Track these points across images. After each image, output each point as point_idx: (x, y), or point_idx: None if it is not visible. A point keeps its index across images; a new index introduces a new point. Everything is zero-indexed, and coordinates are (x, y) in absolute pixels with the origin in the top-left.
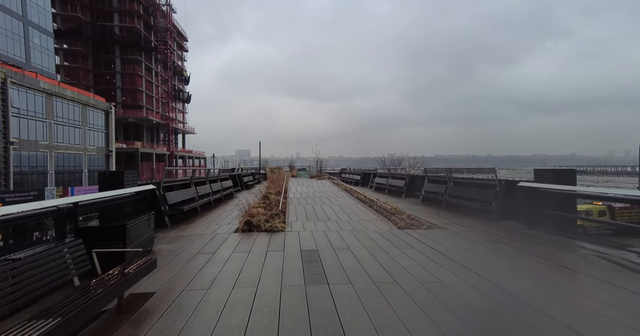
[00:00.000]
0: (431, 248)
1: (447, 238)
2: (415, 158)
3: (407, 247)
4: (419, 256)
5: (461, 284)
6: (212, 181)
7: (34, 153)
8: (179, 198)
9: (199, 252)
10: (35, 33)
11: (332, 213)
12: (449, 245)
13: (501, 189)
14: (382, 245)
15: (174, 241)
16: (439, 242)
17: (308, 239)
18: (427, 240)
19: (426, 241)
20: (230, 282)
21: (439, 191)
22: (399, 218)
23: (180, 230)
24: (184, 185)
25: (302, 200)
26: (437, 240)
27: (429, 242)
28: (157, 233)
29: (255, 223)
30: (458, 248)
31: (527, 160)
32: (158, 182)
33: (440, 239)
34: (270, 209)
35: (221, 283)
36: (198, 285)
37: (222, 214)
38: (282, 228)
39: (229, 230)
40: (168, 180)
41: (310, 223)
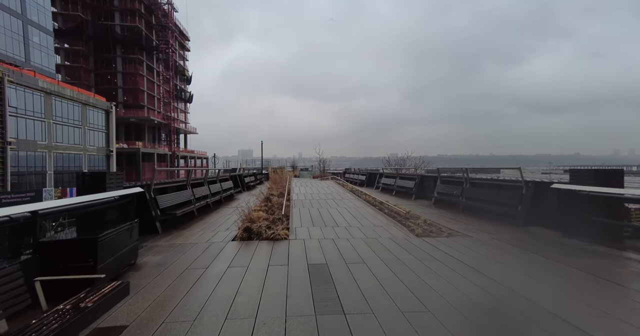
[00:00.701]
0: (459, 261)
1: (474, 248)
2: (421, 157)
3: (431, 260)
4: (448, 273)
5: (506, 310)
6: (211, 182)
7: (32, 154)
8: (172, 201)
9: (189, 267)
10: (34, 32)
11: (340, 218)
12: (478, 257)
13: (528, 191)
14: (401, 258)
15: (164, 251)
16: (465, 252)
17: (315, 249)
18: (452, 251)
19: (450, 251)
20: (222, 311)
21: (453, 193)
22: (414, 223)
23: (172, 237)
24: (180, 186)
25: (306, 202)
26: (463, 250)
27: (454, 252)
28: (146, 241)
29: (255, 230)
30: (489, 261)
31: (530, 160)
32: (148, 184)
33: (467, 249)
34: (273, 213)
35: (211, 312)
36: (182, 314)
37: (220, 218)
38: (285, 236)
39: (226, 238)
40: (160, 182)
41: (317, 230)
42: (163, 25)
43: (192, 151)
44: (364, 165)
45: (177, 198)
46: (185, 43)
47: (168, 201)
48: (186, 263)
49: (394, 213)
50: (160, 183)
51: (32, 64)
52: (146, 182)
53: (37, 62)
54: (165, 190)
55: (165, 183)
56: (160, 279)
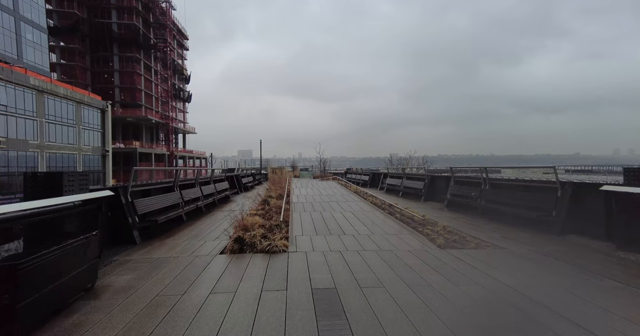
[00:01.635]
0: (502, 284)
1: (514, 265)
2: (424, 157)
3: (466, 282)
4: (494, 304)
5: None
6: (203, 183)
7: (23, 153)
8: (155, 205)
9: (161, 293)
10: (28, 28)
11: (346, 224)
12: (525, 278)
13: (565, 194)
14: (428, 279)
15: (135, 268)
16: (504, 270)
17: (320, 266)
18: (487, 268)
19: (486, 269)
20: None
21: (469, 194)
22: (433, 230)
23: (151, 249)
24: (166, 188)
25: (307, 205)
26: (501, 267)
27: (491, 270)
28: (118, 254)
29: (248, 241)
30: (540, 283)
31: (530, 160)
32: (124, 186)
33: (505, 266)
34: (270, 218)
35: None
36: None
37: (211, 224)
38: (284, 248)
39: (213, 250)
40: (142, 183)
41: (321, 239)
42: (161, 23)
43: (191, 151)
44: (364, 165)
45: (162, 201)
46: (184, 42)
47: (149, 205)
48: (159, 286)
49: (407, 218)
50: (142, 184)
51: (25, 62)
52: (121, 184)
53: (30, 59)
54: (148, 193)
55: (148, 184)
56: (117, 313)
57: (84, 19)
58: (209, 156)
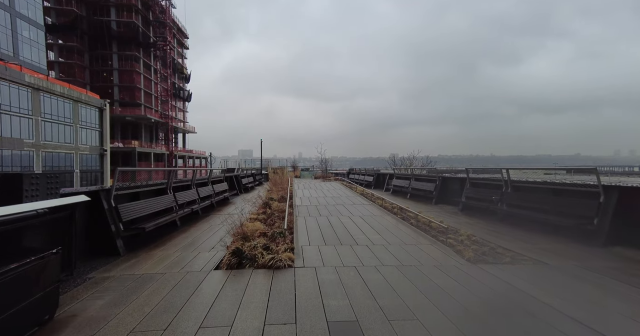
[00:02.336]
0: (565, 317)
1: (568, 288)
2: (427, 157)
3: (522, 314)
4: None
5: None
6: (200, 184)
7: (18, 153)
8: (144, 210)
9: (136, 328)
10: (24, 25)
11: (357, 231)
12: (591, 307)
13: (609, 199)
14: (470, 307)
15: (113, 289)
16: (561, 295)
17: (334, 287)
18: (538, 292)
19: (537, 293)
20: None
21: (489, 198)
22: (457, 240)
23: (136, 262)
24: (159, 191)
25: (312, 208)
26: (554, 291)
27: (544, 295)
28: (96, 269)
29: (248, 253)
30: (613, 315)
31: (531, 160)
32: (106, 189)
33: (558, 289)
34: (272, 223)
35: None
36: None
37: (207, 231)
38: (289, 262)
39: (207, 264)
40: (130, 186)
41: (331, 251)
42: (160, 21)
43: (191, 151)
44: (364, 165)
45: (152, 205)
46: (184, 41)
47: (137, 210)
48: (136, 316)
49: (423, 225)
50: (129, 187)
51: (22, 59)
52: (102, 187)
53: (27, 57)
54: (137, 196)
55: (136, 187)
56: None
57: (82, 16)
58: (209, 156)
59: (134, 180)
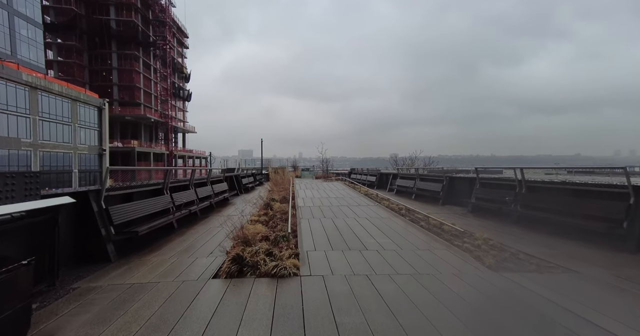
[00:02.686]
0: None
1: (608, 302)
2: (430, 158)
3: (563, 333)
4: None
5: None
6: (199, 184)
7: (15, 152)
8: (138, 212)
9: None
10: (22, 24)
11: (364, 235)
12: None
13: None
14: (501, 325)
15: (99, 302)
16: (604, 311)
17: (346, 301)
18: (578, 307)
19: (578, 309)
20: None
21: (502, 199)
22: (473, 245)
23: (128, 269)
24: (155, 191)
25: (315, 209)
26: (595, 306)
27: (581, 309)
28: (82, 278)
29: (250, 260)
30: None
31: (531, 161)
32: (96, 190)
33: (598, 304)
34: (275, 226)
35: None
36: None
37: (205, 234)
38: (295, 270)
39: (205, 272)
40: (122, 186)
41: (339, 257)
42: (160, 20)
43: (191, 150)
44: (364, 165)
45: (147, 207)
46: (184, 40)
47: (130, 212)
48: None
49: (434, 227)
50: (122, 187)
51: (19, 58)
52: (90, 188)
53: (25, 55)
54: (130, 197)
55: (130, 187)
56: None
57: (81, 15)
58: (208, 155)
59: (133, 180)
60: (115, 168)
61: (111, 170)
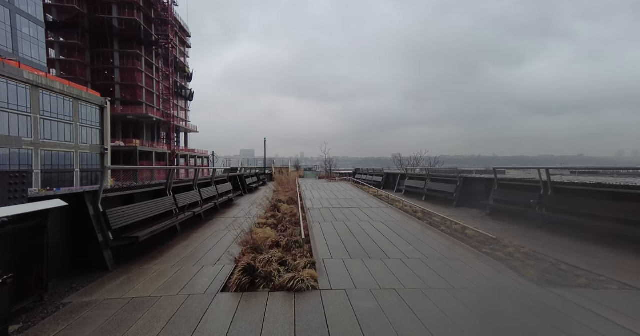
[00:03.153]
0: None
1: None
2: (436, 158)
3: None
4: None
5: None
6: (203, 185)
7: (16, 151)
8: (139, 215)
9: None
10: (24, 22)
11: (382, 240)
12: None
13: None
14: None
15: (90, 322)
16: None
17: (377, 322)
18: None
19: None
20: None
21: (521, 201)
22: (505, 253)
23: (127, 279)
24: (157, 192)
25: (325, 212)
26: None
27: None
28: (75, 291)
29: (262, 271)
30: None
31: (533, 161)
32: (92, 191)
33: None
34: (284, 229)
35: None
36: None
37: (211, 238)
38: (313, 283)
39: (213, 284)
40: (121, 187)
41: (359, 266)
42: (162, 19)
43: (193, 150)
44: (366, 165)
45: (149, 209)
46: (186, 39)
47: (130, 216)
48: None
49: (456, 232)
50: (121, 188)
51: (21, 56)
52: (82, 189)
53: (27, 54)
54: (131, 199)
55: (130, 188)
56: None
57: (83, 14)
58: (211, 155)
59: (135, 180)
60: (114, 167)
61: (110, 169)
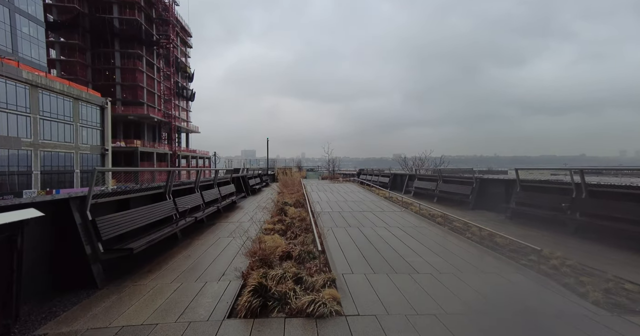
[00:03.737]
0: None
1: None
2: (441, 157)
3: None
4: None
5: None
6: (206, 187)
7: (15, 152)
8: (134, 223)
9: None
10: (24, 21)
11: (405, 250)
12: None
13: None
14: None
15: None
16: None
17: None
18: None
19: None
20: None
21: (548, 204)
22: (550, 266)
23: (117, 300)
24: (155, 196)
25: (336, 216)
26: None
27: None
28: (54, 318)
29: (275, 292)
30: None
31: (535, 161)
32: (79, 197)
33: None
34: (294, 236)
35: None
36: None
37: (214, 247)
38: (336, 307)
39: (218, 307)
40: (114, 191)
41: (386, 283)
42: (163, 19)
43: (194, 150)
44: (367, 165)
45: (145, 215)
46: (188, 39)
47: (123, 224)
48: None
49: (486, 240)
50: (115, 192)
51: (21, 56)
52: (67, 195)
53: (27, 53)
54: (126, 204)
55: (125, 192)
56: None
57: (84, 13)
58: (213, 155)
59: (137, 181)
60: (103, 169)
61: (100, 170)
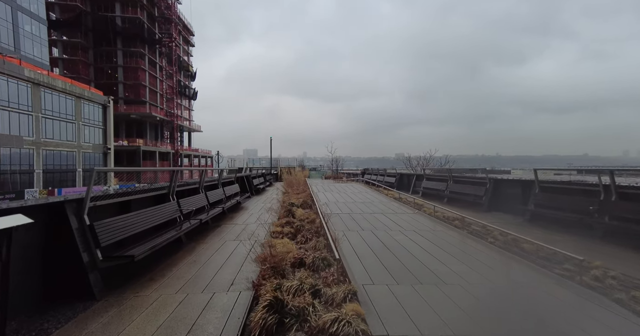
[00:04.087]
0: None
1: None
2: (446, 157)
3: None
4: None
5: None
6: (210, 187)
7: (17, 151)
8: (135, 227)
9: None
10: (26, 20)
11: (425, 256)
12: None
13: None
14: None
15: None
16: None
17: None
18: None
19: None
20: None
21: (571, 207)
22: (592, 277)
23: (115, 315)
24: (159, 197)
25: (346, 217)
26: None
27: None
28: (45, 335)
29: (292, 307)
30: None
31: (538, 160)
32: (76, 200)
33: None
34: (305, 240)
35: None
36: None
37: (220, 252)
38: (361, 325)
39: (228, 324)
40: (114, 193)
41: (411, 296)
42: (166, 17)
43: (197, 149)
44: (369, 165)
45: (147, 219)
46: (190, 38)
47: (124, 228)
48: None
49: (511, 246)
50: (115, 194)
51: (23, 54)
52: (61, 198)
53: (29, 52)
54: (127, 206)
55: (127, 193)
56: None
57: (86, 12)
58: (216, 154)
59: (139, 180)
60: (102, 169)
61: (99, 171)
